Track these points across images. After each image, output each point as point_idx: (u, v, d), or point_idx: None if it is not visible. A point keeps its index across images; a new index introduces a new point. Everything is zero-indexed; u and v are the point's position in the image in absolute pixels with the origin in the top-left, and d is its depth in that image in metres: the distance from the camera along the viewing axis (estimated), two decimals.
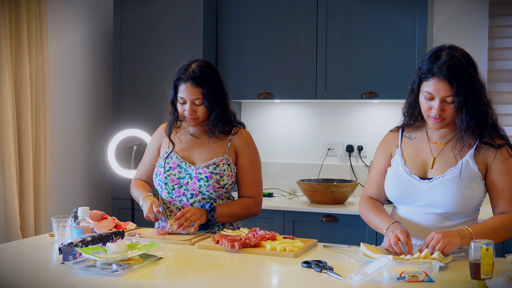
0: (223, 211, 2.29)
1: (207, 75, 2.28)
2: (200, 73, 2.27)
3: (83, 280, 1.65)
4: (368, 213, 2.09)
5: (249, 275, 1.77)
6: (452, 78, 1.86)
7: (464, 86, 1.86)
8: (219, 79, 2.35)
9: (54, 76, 3.72)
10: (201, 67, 2.29)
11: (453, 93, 1.87)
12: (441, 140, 2.03)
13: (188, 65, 2.31)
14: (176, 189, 2.35)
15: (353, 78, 3.55)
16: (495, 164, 1.95)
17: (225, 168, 2.32)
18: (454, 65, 1.86)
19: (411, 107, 2.03)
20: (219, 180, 2.31)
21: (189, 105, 2.27)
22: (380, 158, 2.14)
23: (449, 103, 1.90)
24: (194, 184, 2.31)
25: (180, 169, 2.33)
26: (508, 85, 3.52)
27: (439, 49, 1.94)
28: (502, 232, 1.90)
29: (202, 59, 2.36)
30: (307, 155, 3.99)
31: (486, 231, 1.86)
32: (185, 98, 2.27)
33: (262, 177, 2.46)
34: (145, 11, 3.81)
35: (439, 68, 1.87)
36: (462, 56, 1.90)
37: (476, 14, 3.61)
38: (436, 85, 1.88)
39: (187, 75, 2.27)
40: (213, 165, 2.31)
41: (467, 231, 1.84)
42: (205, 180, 2.30)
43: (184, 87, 2.27)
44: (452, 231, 1.83)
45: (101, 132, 4.15)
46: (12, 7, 3.26)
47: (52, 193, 3.72)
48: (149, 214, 2.25)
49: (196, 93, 2.26)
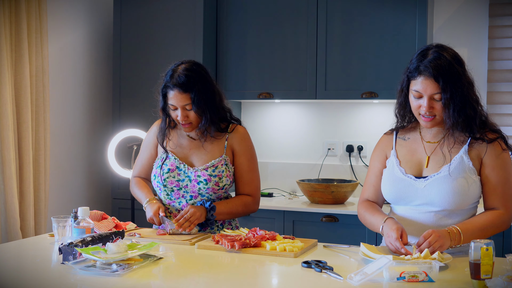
0: (222, 209, 2.30)
1: (193, 79, 2.23)
2: (186, 78, 2.22)
3: (83, 280, 1.65)
4: (364, 214, 2.10)
5: (249, 275, 1.77)
6: (438, 75, 1.87)
7: (451, 83, 1.88)
8: (207, 79, 2.29)
9: (54, 76, 3.72)
10: (187, 71, 2.24)
11: (440, 90, 1.89)
12: (434, 138, 2.04)
13: (174, 70, 2.26)
14: (176, 191, 2.34)
15: (353, 78, 3.55)
16: (488, 159, 1.96)
17: (224, 169, 2.32)
18: (440, 63, 1.88)
19: (402, 107, 2.05)
20: (218, 182, 2.31)
21: (181, 111, 2.25)
22: (375, 161, 2.16)
23: (437, 100, 1.91)
24: (193, 187, 2.31)
25: (179, 171, 2.33)
26: (508, 85, 3.51)
27: (426, 48, 1.96)
28: (490, 230, 1.92)
29: (188, 61, 2.30)
30: (307, 155, 3.99)
31: (474, 230, 1.88)
32: (175, 105, 2.25)
33: (259, 174, 2.45)
34: (145, 11, 3.81)
35: (425, 66, 1.89)
36: (449, 54, 1.92)
37: (476, 14, 3.61)
38: (423, 83, 1.90)
39: (173, 82, 2.22)
40: (211, 167, 2.31)
41: (455, 230, 1.85)
42: (204, 183, 2.30)
43: (172, 94, 2.24)
44: (442, 232, 1.83)
45: (101, 132, 4.15)
46: (12, 7, 3.26)
47: (52, 193, 3.72)
48: (154, 217, 2.25)
49: (185, 99, 2.23)
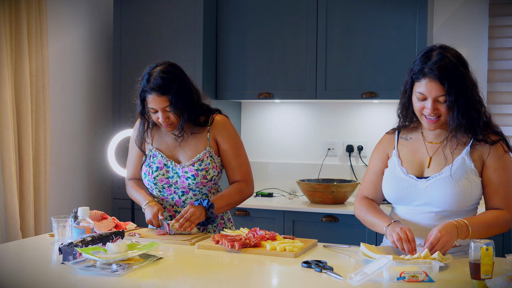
0: (221, 203, 2.33)
1: (169, 82, 2.25)
2: (162, 81, 2.24)
3: (83, 280, 1.65)
4: (366, 212, 2.09)
5: (249, 275, 1.77)
6: (443, 78, 1.87)
7: (455, 85, 1.87)
8: (183, 80, 2.31)
9: (54, 76, 3.72)
10: (162, 74, 2.26)
11: (444, 92, 1.88)
12: (437, 139, 2.04)
13: (150, 73, 2.28)
14: (166, 188, 2.38)
15: (353, 78, 3.55)
16: (490, 161, 1.95)
17: (209, 161, 2.35)
18: (445, 64, 1.87)
19: (405, 108, 2.05)
20: (206, 175, 2.34)
21: (161, 113, 2.27)
22: (376, 160, 2.15)
23: (442, 102, 1.91)
24: (183, 183, 2.34)
25: (167, 168, 2.36)
26: (508, 85, 3.52)
27: (430, 50, 1.95)
28: (495, 228, 1.92)
29: (162, 63, 2.32)
30: (307, 155, 3.99)
31: (480, 225, 1.88)
32: (155, 108, 2.27)
33: (247, 157, 2.46)
34: (145, 11, 3.81)
35: (430, 68, 1.88)
36: (453, 56, 1.91)
37: (476, 14, 3.61)
38: (428, 85, 1.89)
39: (150, 86, 2.24)
40: (197, 162, 2.34)
41: (463, 222, 1.85)
42: (192, 179, 2.33)
43: (151, 98, 2.26)
44: (449, 225, 1.83)
45: (101, 132, 4.15)
46: (12, 7, 3.26)
47: (52, 193, 3.72)
48: (153, 220, 2.26)
49: (163, 102, 2.25)
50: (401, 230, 1.85)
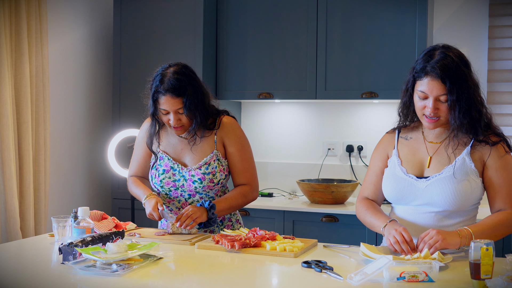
0: (223, 205, 2.30)
1: (184, 83, 2.21)
2: (178, 82, 2.20)
3: (83, 280, 1.65)
4: (365, 212, 2.09)
5: (249, 275, 1.77)
6: (445, 77, 1.87)
7: (457, 85, 1.87)
8: (197, 81, 2.27)
9: (54, 76, 3.72)
10: (177, 75, 2.21)
11: (446, 91, 1.88)
12: (437, 139, 2.04)
13: (163, 74, 2.23)
14: (173, 191, 2.36)
15: (353, 78, 3.55)
16: (491, 161, 1.95)
17: (216, 165, 2.32)
18: (447, 64, 1.87)
19: (406, 107, 2.05)
20: (213, 179, 2.31)
21: (173, 115, 2.23)
22: (376, 160, 2.15)
23: (443, 102, 1.91)
24: (189, 186, 2.32)
25: (174, 171, 2.33)
26: (508, 85, 3.52)
27: (433, 49, 1.95)
28: (501, 230, 1.91)
29: (176, 64, 2.27)
30: (307, 155, 3.99)
31: (485, 231, 1.87)
32: (168, 109, 2.23)
33: (254, 161, 2.44)
34: (145, 11, 3.81)
35: (432, 67, 1.88)
36: (455, 55, 1.91)
37: (476, 14, 3.61)
38: (430, 84, 1.89)
39: (165, 87, 2.19)
40: (204, 165, 2.31)
41: (466, 231, 1.84)
42: (199, 182, 2.31)
43: (164, 100, 2.21)
44: (451, 232, 1.83)
45: (101, 132, 4.15)
46: (12, 7, 3.26)
47: (52, 193, 3.72)
48: (153, 212, 2.23)
49: (177, 104, 2.21)
50: (396, 232, 1.85)
